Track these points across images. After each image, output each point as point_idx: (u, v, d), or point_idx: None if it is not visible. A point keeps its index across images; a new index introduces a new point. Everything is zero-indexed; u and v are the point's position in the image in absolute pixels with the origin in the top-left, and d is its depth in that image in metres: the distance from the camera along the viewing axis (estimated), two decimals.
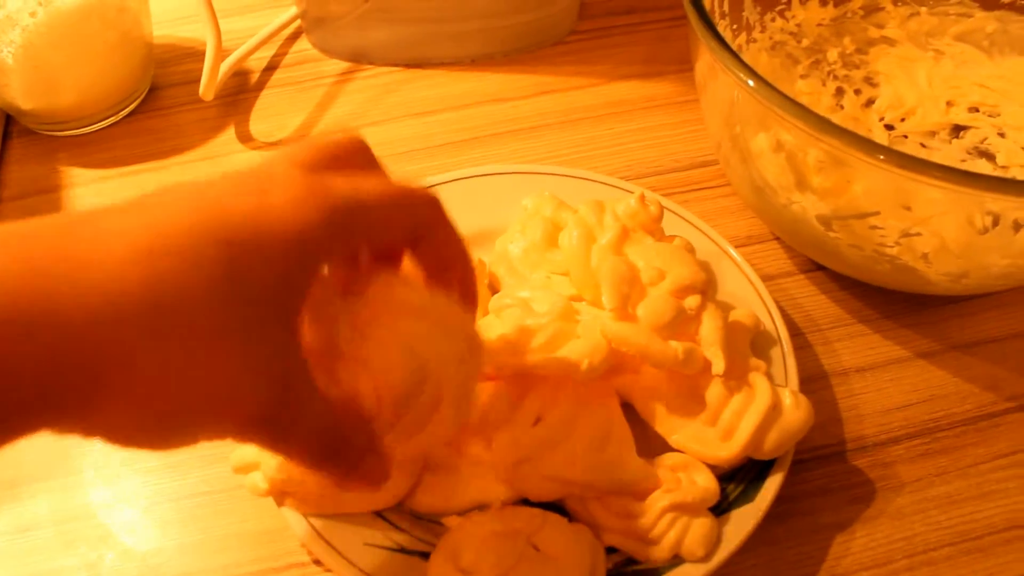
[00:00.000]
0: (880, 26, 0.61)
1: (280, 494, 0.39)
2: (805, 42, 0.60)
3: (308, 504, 0.39)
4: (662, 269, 0.41)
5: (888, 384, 0.48)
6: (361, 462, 0.33)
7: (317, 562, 0.41)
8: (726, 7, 0.54)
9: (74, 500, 0.44)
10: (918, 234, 0.42)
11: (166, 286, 0.25)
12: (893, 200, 0.42)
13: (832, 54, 0.60)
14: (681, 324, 0.40)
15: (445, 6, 0.62)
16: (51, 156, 0.60)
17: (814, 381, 0.48)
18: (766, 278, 0.49)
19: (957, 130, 0.57)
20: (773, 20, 0.59)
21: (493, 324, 0.42)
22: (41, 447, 0.27)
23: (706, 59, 0.46)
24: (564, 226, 0.45)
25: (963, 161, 0.56)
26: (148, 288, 0.25)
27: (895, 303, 0.51)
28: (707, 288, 0.41)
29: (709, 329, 0.40)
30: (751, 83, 0.41)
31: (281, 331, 0.28)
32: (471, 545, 0.38)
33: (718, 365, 0.40)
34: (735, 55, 0.42)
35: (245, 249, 0.27)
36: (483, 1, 0.62)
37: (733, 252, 0.48)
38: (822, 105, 0.57)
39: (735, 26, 0.55)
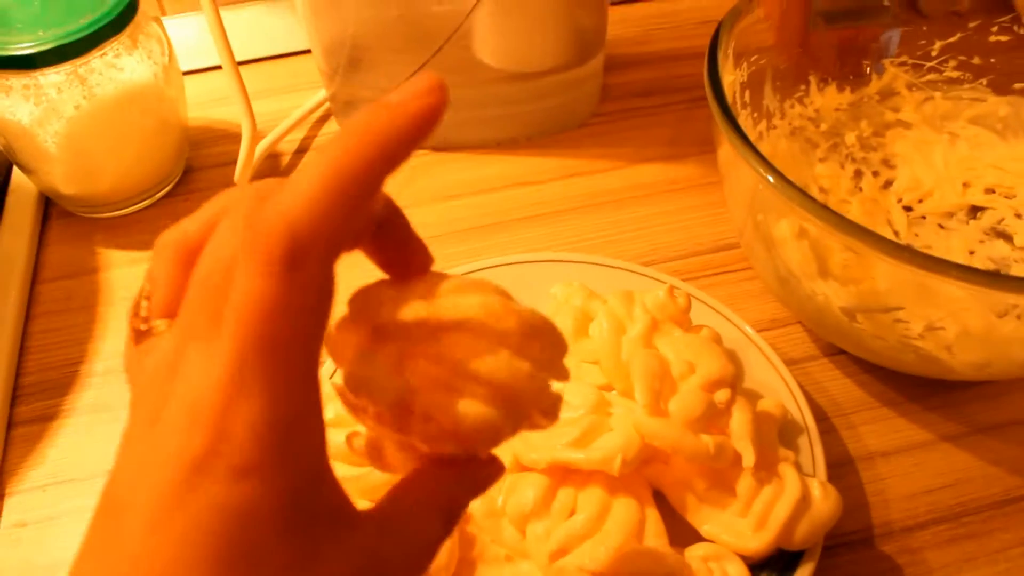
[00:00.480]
0: (896, 110, 0.63)
1: None
2: (823, 126, 0.61)
3: None
4: (692, 362, 0.42)
5: (913, 468, 0.48)
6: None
7: None
8: (747, 97, 0.55)
9: None
10: (942, 327, 0.43)
11: None
12: (915, 294, 0.43)
13: (850, 137, 0.61)
14: (712, 418, 0.41)
15: (469, 94, 0.64)
16: (88, 238, 0.62)
17: (840, 466, 0.48)
18: (790, 362, 0.50)
19: (974, 211, 0.59)
20: (792, 107, 0.60)
21: None
22: None
23: (727, 149, 0.48)
24: (594, 316, 0.46)
25: (981, 242, 0.57)
26: None
27: (919, 386, 0.51)
28: (736, 381, 0.42)
29: (739, 422, 0.41)
30: (771, 179, 0.43)
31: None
32: None
33: (748, 458, 0.40)
34: (755, 150, 0.44)
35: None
36: (506, 89, 0.64)
37: (758, 339, 0.49)
38: (841, 188, 0.59)
39: (755, 114, 0.57)
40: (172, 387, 0.23)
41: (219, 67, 0.65)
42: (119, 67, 0.56)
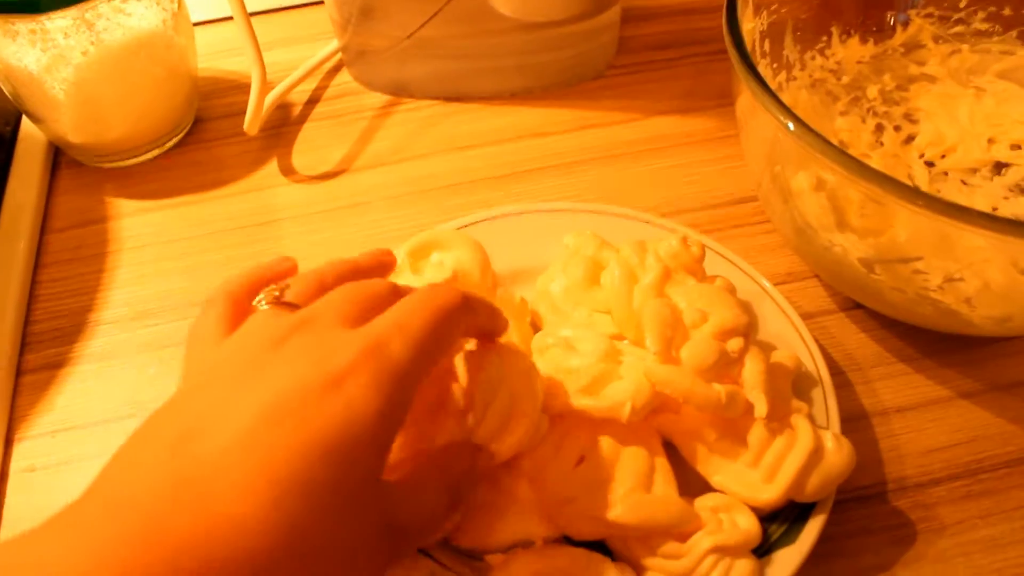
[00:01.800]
0: (921, 63, 0.61)
1: None
2: (845, 79, 0.60)
3: None
4: (704, 311, 0.41)
5: (930, 424, 0.48)
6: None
7: None
8: (767, 47, 0.54)
9: None
10: (961, 279, 0.42)
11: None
12: (935, 244, 0.42)
13: (872, 91, 0.60)
14: (724, 367, 0.40)
15: (483, 43, 0.63)
16: (98, 187, 0.62)
17: (855, 420, 0.47)
18: (806, 316, 0.49)
19: (999, 167, 0.57)
20: (813, 58, 0.59)
21: (536, 363, 0.42)
22: None
23: (746, 98, 0.47)
24: (606, 265, 0.45)
25: (1005, 199, 0.56)
26: None
27: (937, 342, 0.50)
28: (749, 331, 0.42)
29: (752, 372, 0.40)
30: (791, 126, 0.42)
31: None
32: None
33: (761, 408, 0.40)
34: (775, 97, 0.43)
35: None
36: (521, 38, 0.63)
37: (773, 291, 0.48)
38: (861, 142, 0.57)
39: (775, 64, 0.56)
40: (305, 337, 0.31)
41: (230, 18, 0.64)
42: (127, 12, 0.55)
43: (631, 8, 0.72)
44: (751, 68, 0.44)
